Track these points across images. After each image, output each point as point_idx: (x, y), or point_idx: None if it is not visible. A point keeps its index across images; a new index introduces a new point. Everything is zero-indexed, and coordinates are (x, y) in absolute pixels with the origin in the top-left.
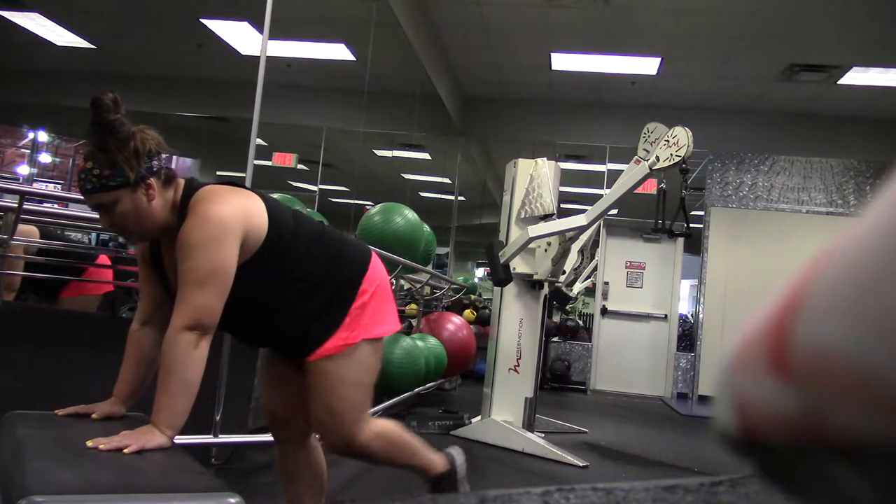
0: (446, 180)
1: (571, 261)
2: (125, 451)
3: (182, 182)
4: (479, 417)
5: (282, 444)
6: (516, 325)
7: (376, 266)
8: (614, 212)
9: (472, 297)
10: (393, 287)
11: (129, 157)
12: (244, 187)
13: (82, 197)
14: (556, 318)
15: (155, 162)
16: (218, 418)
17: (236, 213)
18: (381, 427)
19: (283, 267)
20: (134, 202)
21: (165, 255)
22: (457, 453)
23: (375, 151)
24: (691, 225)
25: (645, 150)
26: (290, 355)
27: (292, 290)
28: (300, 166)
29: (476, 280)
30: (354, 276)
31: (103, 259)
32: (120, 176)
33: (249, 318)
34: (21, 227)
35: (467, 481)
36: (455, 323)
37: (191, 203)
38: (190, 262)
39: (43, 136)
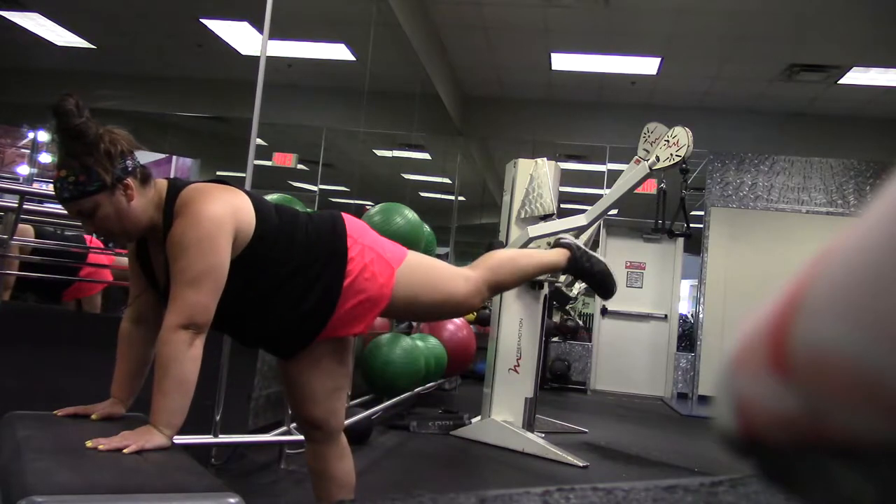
0: (446, 180)
1: None
2: (124, 451)
3: (164, 181)
4: (479, 417)
5: (313, 444)
6: (516, 325)
7: (351, 219)
8: (614, 212)
9: None
10: None
11: (101, 160)
12: (229, 184)
13: (60, 206)
14: (556, 318)
15: (129, 161)
16: (218, 418)
17: (228, 211)
18: (484, 269)
19: (272, 259)
20: (114, 204)
21: (153, 253)
22: (567, 238)
23: (375, 151)
24: (691, 225)
25: (645, 150)
26: (287, 349)
27: (282, 279)
28: (300, 166)
29: None
30: (337, 233)
31: (98, 258)
32: (96, 180)
33: (245, 315)
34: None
35: (592, 255)
36: (455, 323)
37: (179, 202)
38: (183, 262)
39: (43, 136)
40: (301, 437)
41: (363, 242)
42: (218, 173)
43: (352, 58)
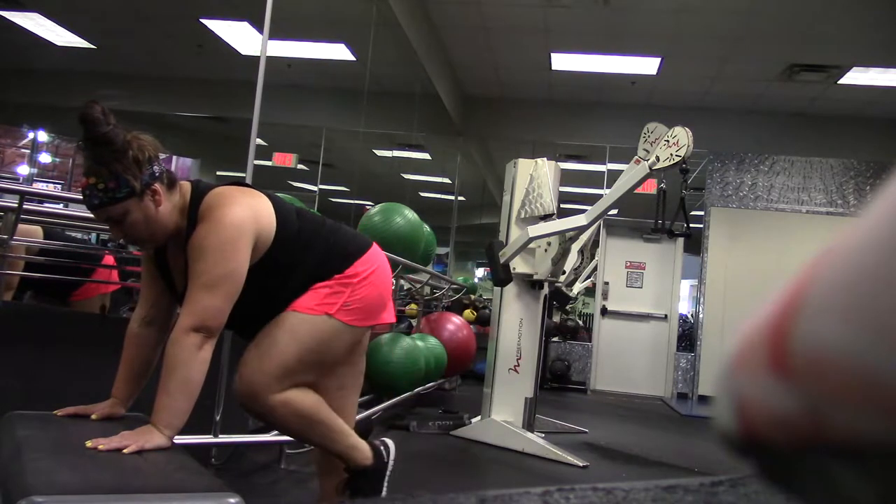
0: (446, 180)
1: (571, 261)
2: (124, 451)
3: (188, 185)
4: (479, 417)
5: None
6: (516, 325)
7: (375, 253)
8: (614, 212)
9: (472, 297)
10: (393, 287)
11: (129, 167)
12: (251, 186)
13: (90, 213)
14: (556, 318)
15: (156, 167)
16: (218, 418)
17: (249, 216)
18: (294, 397)
19: (289, 263)
20: (143, 210)
21: (172, 257)
22: (390, 448)
23: (375, 151)
24: (691, 225)
25: (645, 150)
26: None
27: (294, 282)
28: (300, 166)
29: (476, 280)
30: (348, 255)
31: (109, 259)
32: (125, 187)
33: (253, 313)
34: (24, 227)
35: (388, 482)
36: (455, 323)
37: (203, 207)
38: (202, 265)
39: (43, 136)
40: None
41: (353, 280)
42: (218, 173)
43: (352, 58)
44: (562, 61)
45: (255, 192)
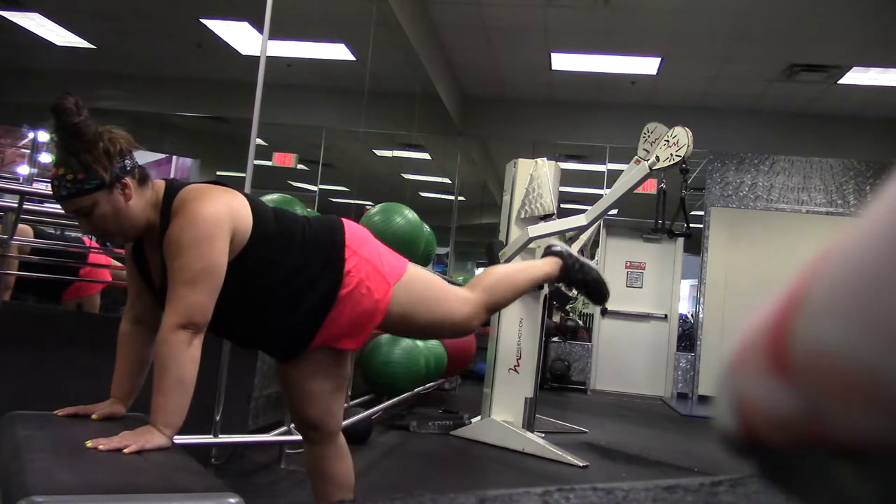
0: (446, 180)
1: None
2: (125, 451)
3: (161, 182)
4: (479, 417)
5: (311, 445)
6: (516, 325)
7: (352, 227)
8: (614, 212)
9: None
10: None
11: (100, 158)
12: (226, 185)
13: (58, 204)
14: (556, 318)
15: (127, 161)
16: (218, 418)
17: (225, 211)
18: (481, 291)
19: (267, 262)
20: (112, 203)
21: (149, 255)
22: (558, 246)
23: (375, 151)
24: (691, 225)
25: (645, 150)
26: (286, 351)
27: (278, 282)
28: (300, 166)
29: None
30: (335, 243)
31: (98, 258)
32: (94, 178)
33: (242, 317)
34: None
35: (580, 264)
36: None
37: (176, 202)
38: (181, 261)
39: (43, 136)
40: (301, 437)
41: (361, 254)
42: (218, 173)
43: (352, 58)
44: (562, 61)
45: (230, 189)
